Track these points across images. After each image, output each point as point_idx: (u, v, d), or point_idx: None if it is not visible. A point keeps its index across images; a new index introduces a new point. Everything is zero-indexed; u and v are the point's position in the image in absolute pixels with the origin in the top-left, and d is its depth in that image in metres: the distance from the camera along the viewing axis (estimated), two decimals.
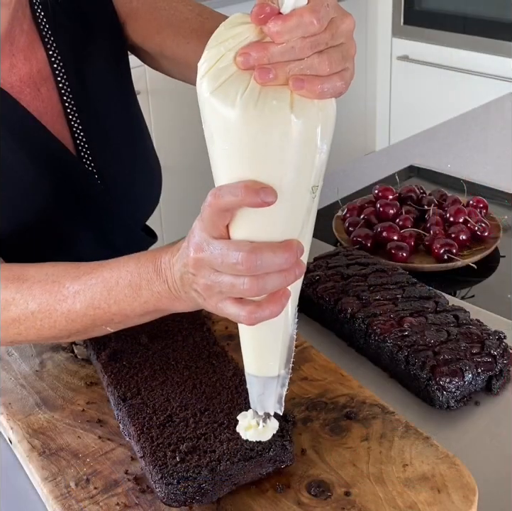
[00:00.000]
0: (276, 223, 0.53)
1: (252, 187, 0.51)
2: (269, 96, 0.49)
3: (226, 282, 0.54)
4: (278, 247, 0.53)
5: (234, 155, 0.52)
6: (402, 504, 0.60)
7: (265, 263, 0.53)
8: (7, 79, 0.84)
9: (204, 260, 0.55)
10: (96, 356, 0.77)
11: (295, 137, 0.50)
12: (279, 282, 0.54)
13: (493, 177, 1.31)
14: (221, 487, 0.61)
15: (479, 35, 2.79)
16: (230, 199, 0.52)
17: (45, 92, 0.88)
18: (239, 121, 0.50)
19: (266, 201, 0.51)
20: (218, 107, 0.50)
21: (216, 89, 0.50)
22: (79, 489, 0.64)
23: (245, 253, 0.53)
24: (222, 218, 0.53)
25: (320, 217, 1.21)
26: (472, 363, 0.74)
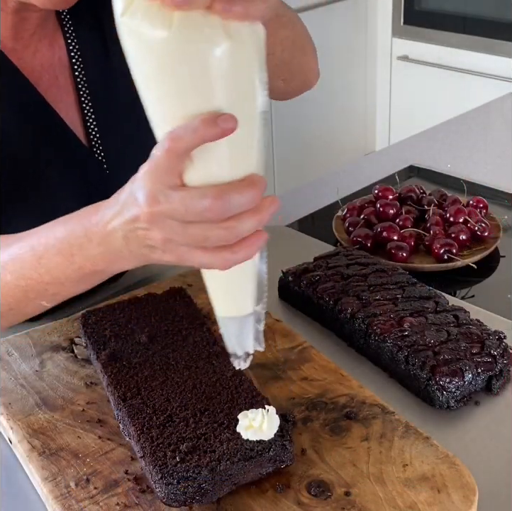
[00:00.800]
0: (232, 159, 0.50)
1: (209, 119, 0.47)
2: (201, 22, 0.46)
3: (195, 234, 0.51)
4: (243, 186, 0.50)
5: (174, 90, 0.48)
6: (402, 504, 0.60)
7: (234, 205, 0.50)
8: (30, 63, 0.85)
9: (163, 213, 0.51)
10: (95, 356, 0.77)
11: (235, 59, 0.48)
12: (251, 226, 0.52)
13: (493, 177, 1.31)
14: (221, 487, 0.61)
15: (479, 35, 2.79)
16: (191, 138, 0.48)
17: (62, 80, 0.88)
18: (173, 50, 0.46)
19: (227, 129, 0.47)
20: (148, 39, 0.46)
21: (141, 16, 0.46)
22: (79, 489, 0.64)
23: (211, 199, 0.49)
24: (179, 163, 0.50)
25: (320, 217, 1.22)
26: (472, 363, 0.74)
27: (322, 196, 1.28)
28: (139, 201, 0.52)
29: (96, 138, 0.90)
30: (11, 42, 0.83)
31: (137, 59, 0.49)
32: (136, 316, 0.82)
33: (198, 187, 0.51)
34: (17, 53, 0.83)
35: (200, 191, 0.50)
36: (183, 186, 0.51)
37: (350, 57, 3.13)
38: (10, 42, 0.83)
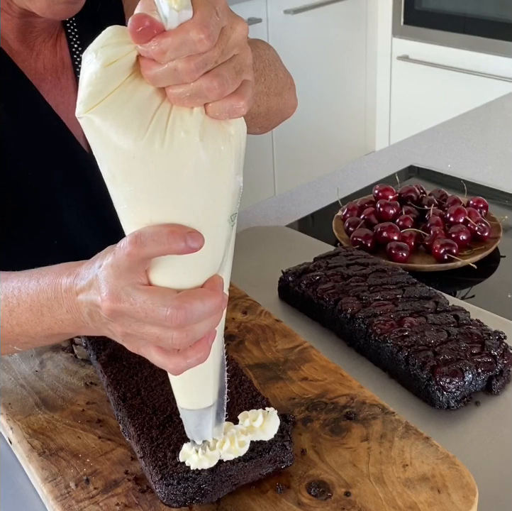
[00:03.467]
0: (199, 263, 0.50)
1: (177, 233, 0.46)
2: (177, 127, 0.44)
3: (151, 334, 0.51)
4: (205, 294, 0.50)
5: (143, 196, 0.46)
6: (402, 504, 0.60)
7: (195, 314, 0.49)
8: (33, 65, 0.85)
9: (123, 312, 0.51)
10: (95, 356, 0.77)
11: (208, 169, 0.46)
12: (207, 328, 0.51)
13: (493, 177, 1.31)
14: (221, 488, 0.61)
15: (479, 35, 2.79)
16: (154, 248, 0.47)
17: (64, 81, 0.88)
18: (144, 160, 0.44)
19: (193, 248, 0.47)
20: (116, 143, 0.44)
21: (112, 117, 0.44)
22: (78, 489, 0.64)
23: (173, 309, 0.48)
24: (142, 265, 0.49)
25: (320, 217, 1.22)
26: (472, 363, 0.74)
27: (322, 196, 1.28)
28: (102, 292, 0.51)
29: None
30: (17, 44, 0.83)
31: (102, 156, 0.46)
32: None
33: (162, 289, 0.50)
34: (21, 55, 0.83)
35: (162, 297, 0.49)
36: (148, 283, 0.50)
37: (350, 57, 3.13)
38: (16, 45, 0.83)
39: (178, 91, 0.44)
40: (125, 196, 0.47)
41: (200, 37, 0.42)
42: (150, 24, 0.42)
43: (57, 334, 0.62)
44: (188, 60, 0.43)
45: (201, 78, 0.44)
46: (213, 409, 0.59)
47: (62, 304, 0.58)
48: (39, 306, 0.60)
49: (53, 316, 0.59)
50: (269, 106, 0.84)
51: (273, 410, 0.64)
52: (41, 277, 0.61)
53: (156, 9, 0.42)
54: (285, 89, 0.89)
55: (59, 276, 0.59)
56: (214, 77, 0.44)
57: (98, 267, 0.53)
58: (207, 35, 0.42)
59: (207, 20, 0.42)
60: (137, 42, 0.43)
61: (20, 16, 0.79)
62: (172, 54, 0.43)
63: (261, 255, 1.05)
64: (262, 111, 0.83)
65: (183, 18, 0.42)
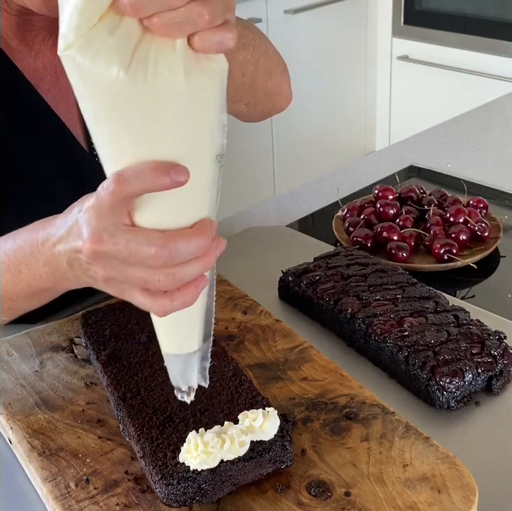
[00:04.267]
0: (184, 202, 0.49)
1: (161, 168, 0.45)
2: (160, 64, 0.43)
3: (136, 276, 0.50)
4: (192, 234, 0.49)
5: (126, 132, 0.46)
6: (402, 504, 0.60)
7: (180, 254, 0.48)
8: (32, 64, 0.85)
9: (106, 253, 0.50)
10: (95, 356, 0.77)
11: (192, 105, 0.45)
12: (195, 272, 0.50)
13: (493, 177, 1.31)
14: (221, 488, 0.61)
15: (479, 35, 2.79)
16: (138, 185, 0.46)
17: (63, 80, 0.88)
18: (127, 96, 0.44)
19: (178, 181, 0.46)
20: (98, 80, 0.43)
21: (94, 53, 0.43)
22: (78, 489, 0.64)
23: (157, 248, 0.48)
24: (126, 205, 0.48)
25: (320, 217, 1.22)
26: (472, 363, 0.74)
27: (322, 196, 1.28)
28: (83, 235, 0.51)
29: None
30: (16, 43, 0.82)
31: (85, 96, 0.46)
32: (136, 316, 0.82)
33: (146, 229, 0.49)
34: (20, 54, 0.83)
35: (146, 236, 0.48)
36: (130, 225, 0.49)
37: (350, 57, 3.13)
38: (15, 43, 0.82)
39: (166, 18, 0.42)
40: (108, 136, 0.46)
41: None
42: None
43: (37, 291, 0.61)
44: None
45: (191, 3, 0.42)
46: (198, 354, 0.58)
47: (39, 258, 0.57)
48: (16, 264, 0.59)
49: (31, 271, 0.58)
50: (256, 80, 0.82)
51: (273, 410, 0.64)
52: (17, 235, 0.60)
53: None
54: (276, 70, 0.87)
55: (35, 231, 0.58)
56: (204, 3, 0.42)
57: (78, 212, 0.52)
58: None
59: None
60: None
61: (19, 14, 0.79)
62: None
63: (261, 255, 1.05)
64: (247, 81, 0.80)
65: None
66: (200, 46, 0.44)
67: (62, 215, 0.56)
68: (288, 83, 0.93)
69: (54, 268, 0.57)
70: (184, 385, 0.60)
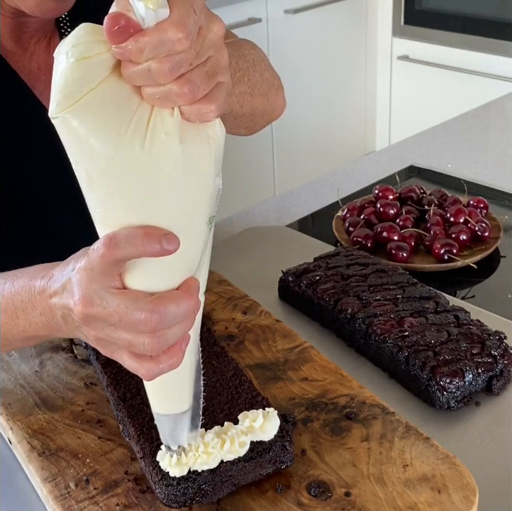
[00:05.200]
0: (174, 266, 0.49)
1: (152, 235, 0.45)
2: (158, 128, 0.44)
3: (123, 339, 0.50)
4: (180, 297, 0.49)
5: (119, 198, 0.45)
6: (402, 504, 0.60)
7: (170, 318, 0.48)
8: (27, 65, 0.85)
9: (96, 316, 0.50)
10: (95, 357, 0.77)
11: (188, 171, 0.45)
12: (180, 333, 0.50)
13: (494, 177, 1.31)
14: (221, 488, 0.61)
15: (479, 35, 2.79)
16: (128, 250, 0.46)
17: None
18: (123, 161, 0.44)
19: (168, 250, 0.46)
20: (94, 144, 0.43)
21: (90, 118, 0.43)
22: (78, 489, 0.64)
23: (147, 313, 0.48)
24: (116, 268, 0.48)
25: (320, 217, 1.22)
26: (473, 363, 0.74)
27: (322, 196, 1.28)
28: (75, 296, 0.51)
29: None
30: (11, 44, 0.82)
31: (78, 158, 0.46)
32: None
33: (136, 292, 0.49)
34: (15, 55, 0.83)
35: (136, 301, 0.48)
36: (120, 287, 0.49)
37: (350, 57, 3.13)
38: (10, 45, 0.82)
39: (149, 92, 0.44)
40: (101, 199, 0.46)
41: (178, 37, 0.41)
42: (127, 23, 0.41)
43: (32, 337, 0.62)
44: (163, 61, 0.42)
45: (172, 82, 0.43)
46: (188, 413, 0.58)
47: (36, 307, 0.57)
48: (13, 308, 0.59)
49: (27, 318, 0.59)
50: (254, 107, 0.83)
51: (273, 410, 0.64)
52: (16, 279, 0.60)
53: (132, 9, 0.41)
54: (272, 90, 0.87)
55: (33, 278, 0.58)
56: (185, 82, 0.43)
57: (72, 270, 0.52)
58: (185, 35, 0.41)
59: (185, 19, 0.41)
60: (113, 41, 0.42)
61: (13, 16, 0.79)
62: (150, 53, 0.42)
63: (261, 255, 1.05)
64: (246, 111, 0.81)
65: (160, 17, 0.41)
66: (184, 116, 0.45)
67: (61, 266, 0.56)
68: (282, 95, 0.92)
69: (49, 318, 0.57)
70: (173, 444, 0.59)
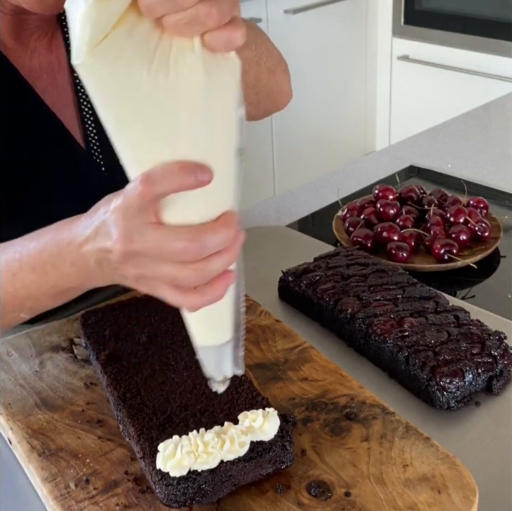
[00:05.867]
0: (209, 199, 0.50)
1: (187, 169, 0.47)
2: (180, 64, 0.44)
3: (167, 273, 0.51)
4: (218, 226, 0.50)
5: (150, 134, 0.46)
6: (402, 504, 0.60)
7: (209, 247, 0.50)
8: (28, 62, 0.85)
9: (137, 252, 0.51)
10: (95, 356, 0.77)
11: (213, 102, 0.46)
12: (222, 265, 0.52)
13: (494, 177, 1.31)
14: (221, 488, 0.61)
15: (479, 35, 2.79)
16: (165, 185, 0.47)
17: (60, 80, 0.88)
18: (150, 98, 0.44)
19: (204, 180, 0.47)
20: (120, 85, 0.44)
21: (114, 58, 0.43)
22: (78, 489, 0.64)
23: (187, 242, 0.49)
24: (153, 205, 0.49)
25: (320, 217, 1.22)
26: (473, 363, 0.74)
27: (322, 196, 1.28)
28: (112, 236, 0.52)
29: (94, 140, 0.90)
30: (11, 42, 0.83)
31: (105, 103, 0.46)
32: (136, 316, 0.82)
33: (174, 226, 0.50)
34: (16, 53, 0.83)
35: (175, 232, 0.50)
36: (158, 223, 0.50)
37: (350, 57, 3.13)
38: (10, 42, 0.82)
39: (176, 18, 0.43)
40: (132, 140, 0.47)
41: None
42: None
43: (63, 291, 0.62)
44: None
45: (199, 4, 0.43)
46: (231, 343, 0.59)
47: (66, 258, 0.58)
48: (42, 264, 0.60)
49: (57, 272, 0.59)
50: (259, 79, 0.83)
51: (273, 410, 0.64)
52: (41, 236, 0.60)
53: None
54: (278, 69, 0.88)
55: (60, 232, 0.59)
56: (212, 2, 0.43)
57: (104, 213, 0.53)
58: None
59: None
60: None
61: (13, 13, 0.79)
62: None
63: (261, 255, 1.05)
64: (251, 80, 0.81)
65: None
66: (209, 45, 0.45)
67: (87, 215, 0.57)
68: (288, 81, 0.94)
69: (81, 267, 0.57)
70: (219, 375, 0.61)
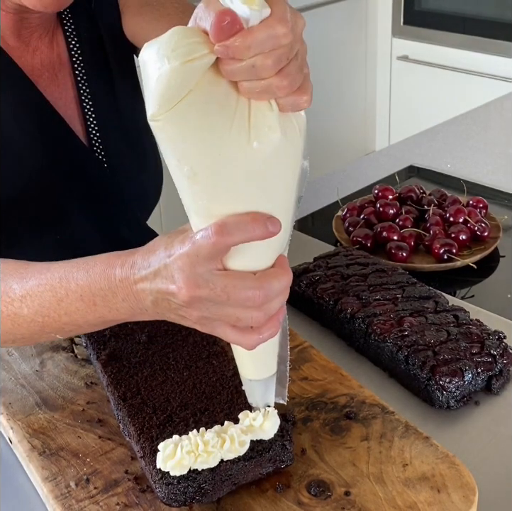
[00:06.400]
0: (271, 246, 0.52)
1: (259, 220, 0.49)
2: (260, 122, 0.47)
3: (231, 315, 0.53)
4: (280, 273, 0.53)
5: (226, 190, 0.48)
6: (402, 504, 0.60)
7: (274, 293, 0.53)
8: (30, 61, 0.85)
9: (202, 297, 0.53)
10: (95, 356, 0.77)
11: (286, 159, 0.49)
12: (279, 305, 0.54)
13: (493, 177, 1.31)
14: (221, 487, 0.61)
15: (478, 35, 2.79)
16: (239, 236, 0.49)
17: (61, 77, 0.88)
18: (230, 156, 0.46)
19: (273, 232, 0.50)
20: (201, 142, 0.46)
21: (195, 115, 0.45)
22: (79, 489, 0.64)
23: (255, 290, 0.52)
24: (222, 254, 0.51)
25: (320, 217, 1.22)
26: (472, 362, 0.74)
27: (322, 196, 1.28)
28: (177, 282, 0.53)
29: (96, 137, 0.90)
30: (13, 40, 0.83)
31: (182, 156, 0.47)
32: None
33: (240, 273, 0.52)
34: (18, 51, 0.83)
35: (242, 280, 0.52)
36: (223, 269, 0.52)
37: (350, 57, 3.13)
38: (12, 41, 0.83)
39: (250, 86, 0.46)
40: (207, 191, 0.49)
41: (284, 32, 0.44)
42: (233, 19, 0.43)
43: (110, 321, 0.63)
44: (267, 57, 0.44)
45: (273, 76, 0.46)
46: (275, 376, 0.62)
47: (117, 293, 0.58)
48: (91, 296, 0.60)
49: (107, 305, 0.60)
50: None
51: (273, 410, 0.64)
52: (91, 268, 0.61)
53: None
54: None
55: (111, 267, 0.59)
56: (285, 76, 0.46)
57: (167, 256, 0.54)
58: (289, 29, 0.44)
59: (286, 14, 0.45)
60: (219, 38, 0.44)
61: (15, 12, 0.80)
62: (257, 49, 0.44)
63: None
64: None
65: (264, 16, 0.44)
66: (279, 107, 0.48)
67: (141, 254, 0.57)
68: None
69: (134, 304, 0.58)
70: (263, 405, 0.63)
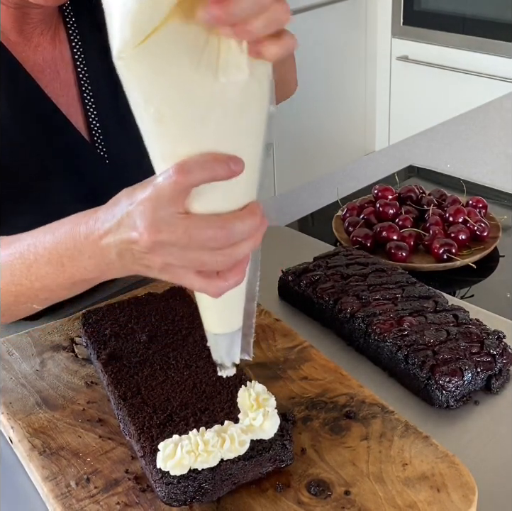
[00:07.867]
0: (237, 189, 0.52)
1: (221, 159, 0.48)
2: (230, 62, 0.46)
3: (195, 259, 0.53)
4: (245, 215, 0.52)
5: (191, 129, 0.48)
6: (402, 503, 0.60)
7: (237, 234, 0.52)
8: (31, 57, 0.85)
9: (164, 242, 0.52)
10: (96, 355, 0.77)
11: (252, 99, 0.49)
12: (247, 250, 0.54)
13: (493, 177, 1.31)
14: (221, 487, 0.61)
15: (478, 36, 2.79)
16: (200, 175, 0.48)
17: (63, 74, 0.89)
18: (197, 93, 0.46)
19: (235, 171, 0.49)
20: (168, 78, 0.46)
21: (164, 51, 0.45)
22: (79, 488, 0.64)
23: (216, 229, 0.51)
24: (184, 194, 0.51)
25: (320, 217, 1.23)
26: (472, 362, 0.75)
27: (322, 196, 1.28)
28: (138, 227, 0.52)
29: (98, 133, 0.90)
30: (14, 35, 0.83)
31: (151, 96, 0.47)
32: (136, 315, 0.82)
33: (201, 215, 0.52)
34: (19, 47, 0.84)
35: (204, 220, 0.51)
36: (185, 213, 0.52)
37: (350, 57, 3.13)
38: (14, 36, 0.83)
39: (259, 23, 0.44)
40: (173, 133, 0.48)
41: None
42: None
43: (78, 282, 0.63)
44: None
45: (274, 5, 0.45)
46: (241, 330, 0.61)
47: (84, 251, 0.58)
48: (58, 257, 0.60)
49: (74, 264, 0.60)
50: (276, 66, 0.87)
51: (273, 409, 0.64)
52: (56, 230, 0.61)
53: None
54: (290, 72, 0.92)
55: (76, 225, 0.59)
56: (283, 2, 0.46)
57: (129, 204, 0.54)
58: None
59: None
60: None
61: (16, 7, 0.80)
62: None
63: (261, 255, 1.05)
64: None
65: None
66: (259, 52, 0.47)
67: (105, 208, 0.57)
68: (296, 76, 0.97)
69: (100, 260, 0.58)
70: (229, 361, 0.62)
